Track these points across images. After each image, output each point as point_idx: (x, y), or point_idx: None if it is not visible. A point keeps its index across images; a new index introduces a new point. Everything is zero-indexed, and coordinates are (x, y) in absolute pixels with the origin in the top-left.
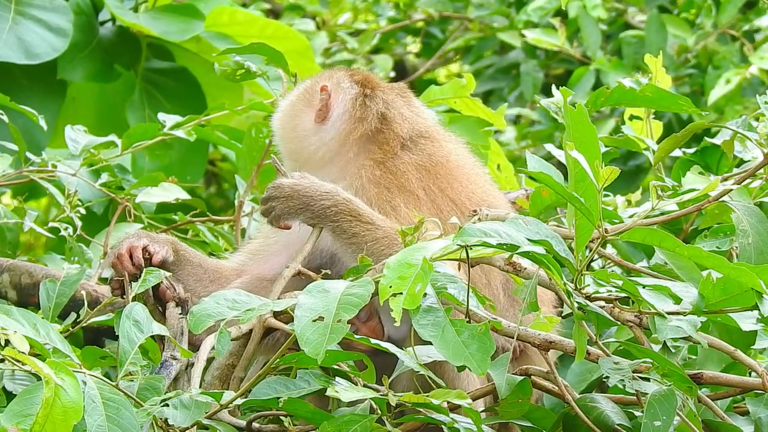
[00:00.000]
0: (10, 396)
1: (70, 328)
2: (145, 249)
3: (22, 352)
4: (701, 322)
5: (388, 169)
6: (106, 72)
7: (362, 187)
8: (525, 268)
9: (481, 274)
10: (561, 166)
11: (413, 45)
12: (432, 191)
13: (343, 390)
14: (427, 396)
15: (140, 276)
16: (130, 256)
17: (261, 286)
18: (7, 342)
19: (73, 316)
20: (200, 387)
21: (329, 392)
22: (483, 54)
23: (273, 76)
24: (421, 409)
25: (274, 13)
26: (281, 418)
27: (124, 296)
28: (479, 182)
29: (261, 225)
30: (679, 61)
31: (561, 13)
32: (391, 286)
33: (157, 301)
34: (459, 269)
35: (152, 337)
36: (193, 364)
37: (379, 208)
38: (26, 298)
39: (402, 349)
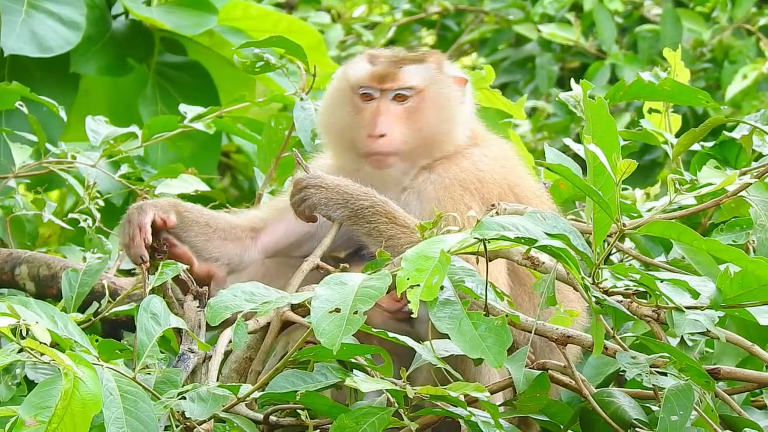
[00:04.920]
0: (31, 385)
1: (92, 318)
2: (153, 223)
3: (44, 343)
4: (719, 316)
5: (475, 169)
6: (118, 66)
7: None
8: (543, 263)
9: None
10: (577, 159)
11: (428, 37)
12: (506, 194)
13: (361, 381)
14: (445, 389)
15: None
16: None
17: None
18: (28, 332)
19: (94, 306)
20: (218, 380)
21: (348, 382)
22: (498, 47)
23: (290, 69)
24: (439, 403)
25: (289, 6)
26: (298, 411)
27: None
28: (532, 179)
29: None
30: (695, 55)
31: (576, 7)
32: (408, 278)
33: (178, 285)
34: (477, 262)
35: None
36: (210, 357)
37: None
38: (44, 289)
39: (420, 342)
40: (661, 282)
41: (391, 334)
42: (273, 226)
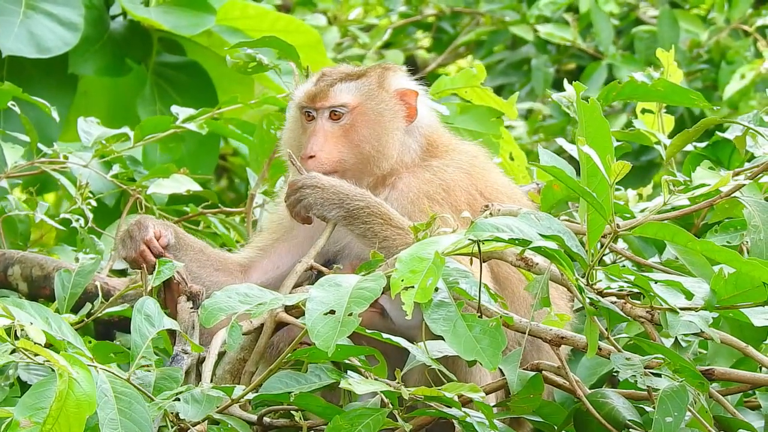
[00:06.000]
0: (24, 386)
1: (85, 319)
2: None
3: (38, 344)
4: (713, 317)
5: (438, 179)
6: (117, 66)
7: (415, 197)
8: (537, 264)
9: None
10: (572, 161)
11: (424, 40)
12: (475, 199)
13: (356, 383)
14: (440, 389)
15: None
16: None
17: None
18: (22, 331)
19: (87, 306)
20: (211, 381)
21: (343, 384)
22: (494, 49)
23: (284, 69)
24: (433, 404)
25: (285, 9)
26: (292, 412)
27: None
28: (505, 181)
29: (266, 220)
30: (692, 56)
31: (573, 8)
32: (402, 280)
33: (167, 293)
34: (471, 263)
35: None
36: (204, 359)
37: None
38: (37, 290)
39: (414, 344)
40: (655, 283)
41: (384, 335)
42: (259, 263)
